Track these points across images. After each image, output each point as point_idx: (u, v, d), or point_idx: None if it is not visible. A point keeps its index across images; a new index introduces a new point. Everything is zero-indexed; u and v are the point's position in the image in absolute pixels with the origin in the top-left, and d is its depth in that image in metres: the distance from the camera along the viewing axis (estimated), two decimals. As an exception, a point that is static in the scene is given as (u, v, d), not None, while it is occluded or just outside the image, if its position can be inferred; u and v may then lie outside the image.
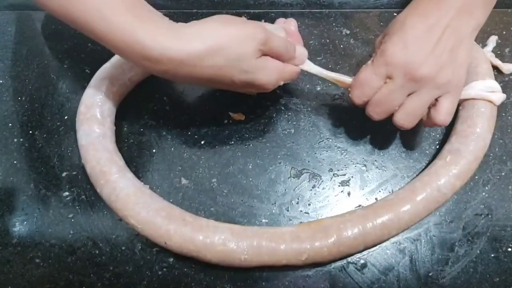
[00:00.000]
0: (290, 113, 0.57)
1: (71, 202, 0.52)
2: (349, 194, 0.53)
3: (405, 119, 0.47)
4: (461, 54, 0.46)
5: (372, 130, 0.55)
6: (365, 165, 0.54)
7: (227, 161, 0.54)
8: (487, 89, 0.52)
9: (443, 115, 0.47)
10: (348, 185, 0.53)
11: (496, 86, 0.52)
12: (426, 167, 0.52)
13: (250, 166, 0.54)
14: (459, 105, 0.54)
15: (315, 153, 0.55)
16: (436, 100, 0.47)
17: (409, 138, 0.55)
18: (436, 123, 0.47)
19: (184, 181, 0.53)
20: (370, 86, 0.47)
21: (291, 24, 0.52)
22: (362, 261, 0.49)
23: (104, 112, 0.52)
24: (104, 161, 0.49)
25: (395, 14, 0.62)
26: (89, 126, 0.51)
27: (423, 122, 0.49)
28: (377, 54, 0.47)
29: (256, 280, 0.49)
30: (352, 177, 0.53)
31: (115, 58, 0.55)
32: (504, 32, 0.60)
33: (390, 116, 0.48)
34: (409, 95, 0.46)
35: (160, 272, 0.49)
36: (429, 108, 0.48)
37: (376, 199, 0.52)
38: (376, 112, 0.48)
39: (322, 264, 0.49)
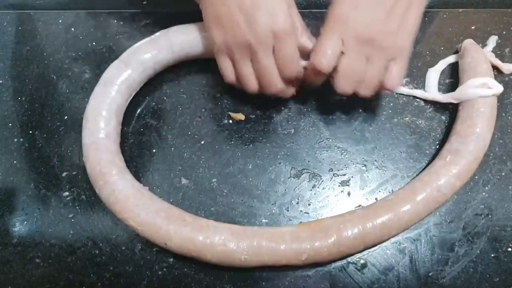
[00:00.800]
0: (290, 113, 0.57)
1: (71, 202, 0.52)
2: (349, 194, 0.53)
3: (367, 89, 0.49)
4: (411, 20, 0.47)
5: (372, 130, 0.56)
6: (365, 165, 0.54)
7: (227, 161, 0.54)
8: (483, 86, 0.52)
9: (391, 79, 0.48)
10: (348, 185, 0.53)
11: (492, 82, 0.52)
12: (426, 167, 0.52)
13: (250, 166, 0.54)
14: (458, 105, 0.54)
15: (315, 153, 0.55)
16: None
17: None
18: (386, 88, 0.49)
19: (184, 181, 0.53)
20: (331, 53, 0.47)
21: None
22: (362, 261, 0.49)
23: (112, 112, 0.52)
24: (104, 162, 0.49)
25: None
26: (95, 125, 0.51)
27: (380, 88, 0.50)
28: (328, 19, 0.47)
29: (256, 280, 0.49)
30: (352, 177, 0.53)
31: (124, 56, 0.55)
32: (504, 32, 0.60)
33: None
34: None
35: (160, 272, 0.49)
36: None
37: (376, 199, 0.52)
38: (344, 86, 0.48)
39: (322, 264, 0.49)
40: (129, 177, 0.50)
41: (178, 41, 0.55)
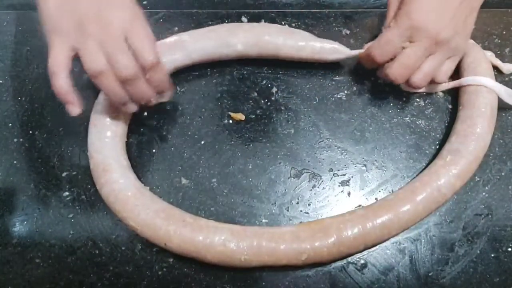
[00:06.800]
0: (290, 113, 0.57)
1: (71, 202, 0.52)
2: (349, 194, 0.53)
3: (422, 79, 0.51)
4: (470, 24, 0.51)
5: (372, 130, 0.55)
6: (365, 165, 0.54)
7: (227, 161, 0.54)
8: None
9: (443, 75, 0.53)
10: (348, 185, 0.53)
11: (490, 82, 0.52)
12: (426, 167, 0.52)
13: (250, 166, 0.54)
14: (458, 105, 0.54)
15: (315, 153, 0.55)
16: None
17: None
18: (437, 81, 0.53)
19: (184, 181, 0.53)
20: (393, 46, 0.50)
21: None
22: (362, 261, 0.49)
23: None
24: (108, 159, 0.49)
25: (395, 14, 0.62)
26: (102, 121, 0.51)
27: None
28: (401, 16, 0.49)
29: (256, 280, 0.49)
30: (352, 177, 0.53)
31: None
32: (504, 32, 0.60)
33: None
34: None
35: (160, 272, 0.49)
36: None
37: (376, 199, 0.52)
38: (400, 74, 0.51)
39: (322, 264, 0.49)
40: (131, 176, 0.50)
41: (198, 48, 0.55)
